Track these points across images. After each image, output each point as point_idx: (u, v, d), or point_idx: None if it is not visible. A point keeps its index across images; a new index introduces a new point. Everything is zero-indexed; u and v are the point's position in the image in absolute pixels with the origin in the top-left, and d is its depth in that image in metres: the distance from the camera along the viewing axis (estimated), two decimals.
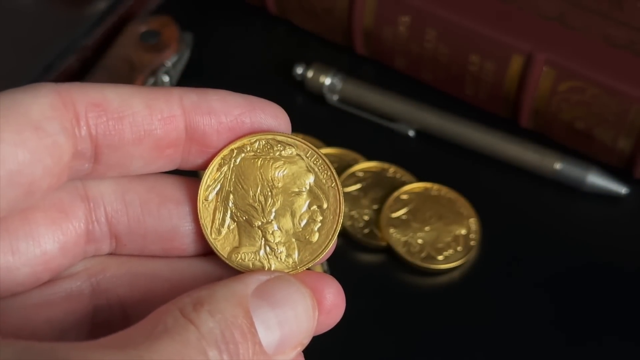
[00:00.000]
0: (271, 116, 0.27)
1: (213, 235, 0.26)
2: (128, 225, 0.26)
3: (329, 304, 0.25)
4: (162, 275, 0.27)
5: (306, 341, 0.25)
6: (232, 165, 0.26)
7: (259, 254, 0.26)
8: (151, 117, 0.25)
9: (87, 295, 0.26)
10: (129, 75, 0.48)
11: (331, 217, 0.26)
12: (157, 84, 0.48)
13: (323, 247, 0.26)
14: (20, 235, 0.25)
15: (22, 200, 0.24)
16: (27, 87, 0.24)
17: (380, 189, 0.46)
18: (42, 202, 0.25)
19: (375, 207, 0.46)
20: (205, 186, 0.26)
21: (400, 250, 0.44)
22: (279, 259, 0.26)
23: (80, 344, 0.21)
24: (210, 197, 0.26)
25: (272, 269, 0.26)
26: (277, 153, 0.27)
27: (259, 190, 0.26)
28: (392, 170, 0.47)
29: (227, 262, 0.26)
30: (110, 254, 0.27)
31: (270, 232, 0.26)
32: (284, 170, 0.27)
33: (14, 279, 0.25)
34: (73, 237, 0.26)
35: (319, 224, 0.26)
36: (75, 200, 0.26)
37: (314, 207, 0.26)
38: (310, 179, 0.27)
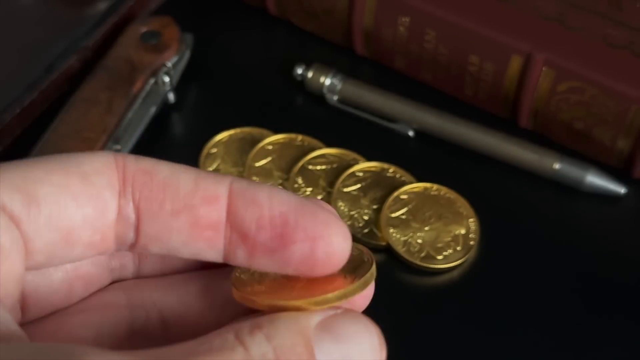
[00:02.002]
0: (322, 223, 0.24)
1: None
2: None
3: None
4: (195, 276, 0.26)
5: None
6: None
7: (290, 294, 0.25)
8: (195, 193, 0.24)
9: (123, 304, 0.26)
10: (129, 75, 0.48)
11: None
12: (158, 84, 0.49)
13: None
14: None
15: (61, 250, 0.24)
16: (90, 152, 0.25)
17: (380, 189, 0.46)
18: None
19: (374, 207, 0.46)
20: None
21: (400, 249, 0.44)
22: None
23: (104, 350, 0.21)
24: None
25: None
26: None
27: None
28: (391, 170, 0.47)
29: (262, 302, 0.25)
30: (136, 274, 0.27)
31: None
32: None
33: (50, 284, 0.25)
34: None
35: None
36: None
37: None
38: None
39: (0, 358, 0.20)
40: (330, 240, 0.24)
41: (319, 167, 0.47)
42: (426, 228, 0.45)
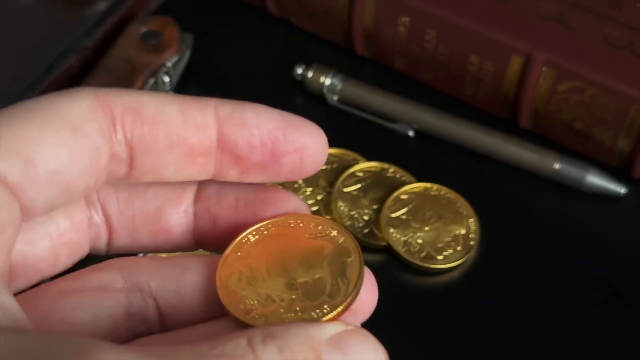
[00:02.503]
0: (307, 135, 0.27)
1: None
2: (118, 207, 0.27)
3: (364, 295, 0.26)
4: (193, 268, 0.27)
5: None
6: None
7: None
8: (185, 124, 0.25)
9: (120, 287, 0.26)
10: (129, 75, 0.48)
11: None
12: (158, 84, 0.49)
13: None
14: None
15: (60, 200, 0.25)
16: (68, 90, 0.25)
17: (380, 189, 0.46)
18: None
19: (375, 207, 0.46)
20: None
21: (400, 250, 0.44)
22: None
23: (119, 346, 0.21)
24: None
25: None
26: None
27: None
28: (391, 170, 0.47)
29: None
30: (108, 245, 0.28)
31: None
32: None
33: (37, 253, 0.26)
34: (79, 214, 0.27)
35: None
36: None
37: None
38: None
39: (13, 350, 0.20)
40: (315, 149, 0.27)
41: None
42: (426, 228, 0.45)
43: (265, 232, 0.27)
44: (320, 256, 0.26)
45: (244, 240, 0.27)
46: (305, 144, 0.26)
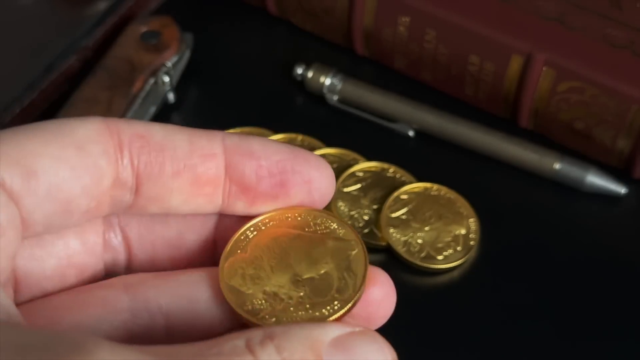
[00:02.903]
0: (314, 167, 0.26)
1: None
2: (138, 232, 0.27)
3: (380, 296, 0.26)
4: (204, 282, 0.26)
5: None
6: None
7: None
8: (192, 152, 0.26)
9: (125, 306, 0.26)
10: (129, 75, 0.48)
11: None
12: (158, 84, 0.49)
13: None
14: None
15: (59, 218, 0.24)
16: (80, 117, 0.25)
17: (380, 189, 0.46)
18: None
19: (375, 207, 0.46)
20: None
21: (400, 250, 0.44)
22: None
23: (114, 342, 0.21)
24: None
25: None
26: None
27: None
28: (392, 170, 0.47)
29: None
30: (128, 267, 0.27)
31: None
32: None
33: (42, 271, 0.26)
34: (93, 235, 0.27)
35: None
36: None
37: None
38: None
39: (11, 344, 0.20)
40: (322, 182, 0.27)
41: None
42: (426, 228, 0.45)
43: (263, 228, 0.27)
44: (323, 250, 0.26)
45: (242, 237, 0.27)
46: (313, 176, 0.26)
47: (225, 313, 0.26)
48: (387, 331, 0.25)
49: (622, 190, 0.46)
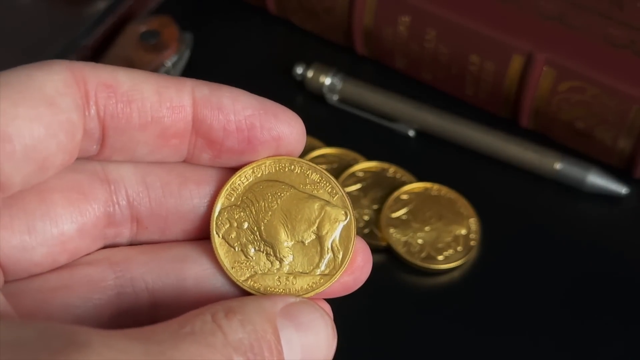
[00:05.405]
0: (284, 123, 0.26)
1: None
2: (150, 206, 0.26)
3: (359, 263, 0.27)
4: (191, 258, 0.26)
5: None
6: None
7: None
8: (160, 104, 0.25)
9: (111, 284, 0.26)
10: None
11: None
12: None
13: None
14: (37, 214, 0.25)
15: (36, 176, 0.24)
16: (41, 63, 0.24)
17: (380, 189, 0.46)
18: (60, 183, 0.25)
19: (375, 207, 0.46)
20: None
21: (401, 250, 0.44)
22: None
23: (102, 330, 0.21)
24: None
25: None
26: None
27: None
28: (392, 170, 0.47)
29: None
30: (131, 241, 0.27)
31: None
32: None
33: (30, 258, 0.25)
34: (92, 219, 0.26)
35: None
36: (94, 182, 0.26)
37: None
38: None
39: (1, 340, 0.20)
40: (291, 138, 0.26)
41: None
42: (427, 228, 0.45)
43: (259, 175, 0.26)
44: (314, 216, 0.26)
45: (237, 184, 0.26)
46: (282, 133, 0.26)
47: (215, 287, 0.26)
48: (387, 331, 0.25)
49: (623, 190, 0.46)
